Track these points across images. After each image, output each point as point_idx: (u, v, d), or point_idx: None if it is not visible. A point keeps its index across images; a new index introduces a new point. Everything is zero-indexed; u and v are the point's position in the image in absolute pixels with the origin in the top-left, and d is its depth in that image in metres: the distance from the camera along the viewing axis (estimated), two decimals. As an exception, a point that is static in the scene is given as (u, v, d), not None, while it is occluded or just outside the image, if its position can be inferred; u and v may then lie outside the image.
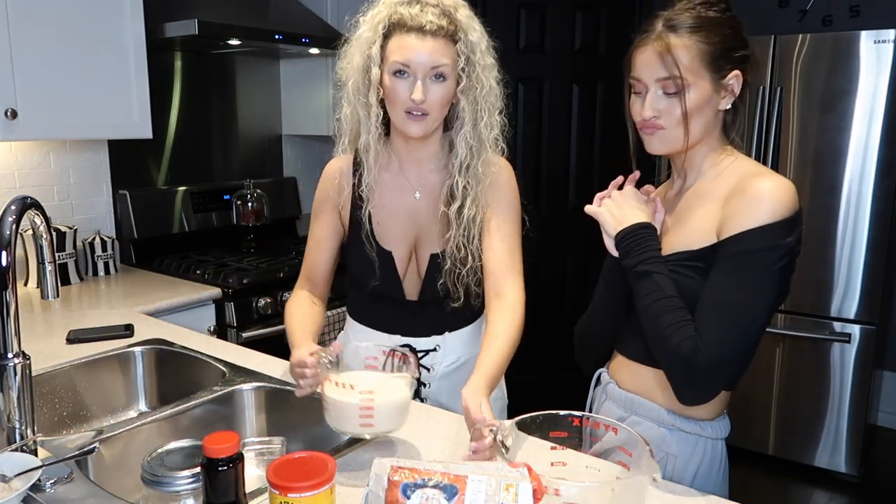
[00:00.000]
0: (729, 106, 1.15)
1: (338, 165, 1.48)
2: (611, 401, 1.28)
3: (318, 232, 1.50)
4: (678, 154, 1.18)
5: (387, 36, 1.31)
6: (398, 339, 1.50)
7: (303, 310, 1.45)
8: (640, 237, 1.14)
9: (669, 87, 1.10)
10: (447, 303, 1.45)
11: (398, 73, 1.29)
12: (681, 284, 1.11)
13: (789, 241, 1.05)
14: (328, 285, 1.54)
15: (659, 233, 1.21)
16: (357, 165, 1.45)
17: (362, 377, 1.15)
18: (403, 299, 1.48)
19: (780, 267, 1.05)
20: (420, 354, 1.49)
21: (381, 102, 1.35)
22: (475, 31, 1.34)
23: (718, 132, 1.18)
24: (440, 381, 1.50)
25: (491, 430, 0.97)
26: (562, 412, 0.97)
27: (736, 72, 1.12)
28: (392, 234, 1.45)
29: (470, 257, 1.40)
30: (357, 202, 1.45)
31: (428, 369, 1.50)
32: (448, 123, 1.41)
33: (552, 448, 0.94)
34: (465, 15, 1.34)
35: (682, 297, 1.10)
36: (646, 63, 1.12)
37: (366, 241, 1.44)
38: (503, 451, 0.91)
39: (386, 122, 1.41)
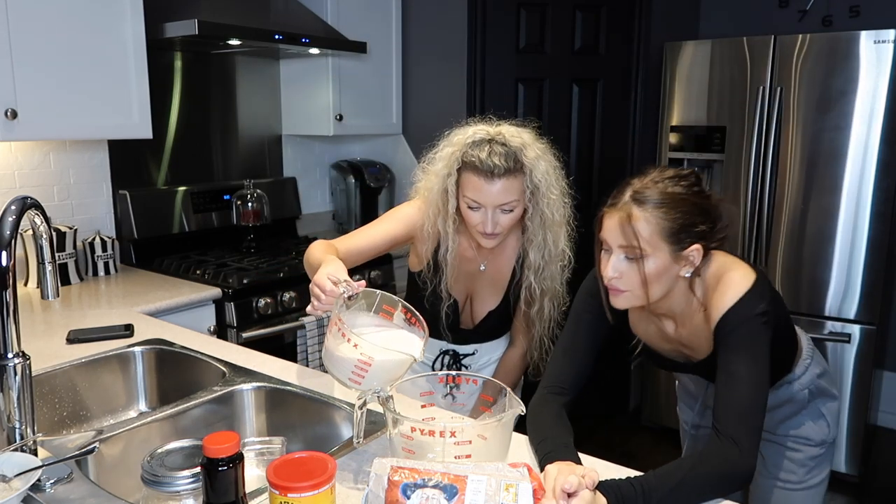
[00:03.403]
0: (689, 274, 1.22)
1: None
2: None
3: (381, 230, 1.62)
4: (643, 309, 1.28)
5: (461, 170, 1.49)
6: (444, 345, 1.74)
7: (325, 246, 1.51)
8: None
9: (630, 254, 1.18)
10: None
11: (471, 207, 1.49)
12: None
13: (763, 307, 1.18)
14: (351, 263, 1.54)
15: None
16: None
17: (370, 332, 1.13)
18: (458, 328, 1.72)
19: (766, 329, 1.18)
20: (461, 356, 1.75)
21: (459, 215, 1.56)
22: (540, 169, 1.48)
23: (686, 286, 1.25)
24: None
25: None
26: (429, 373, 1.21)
27: (696, 246, 1.19)
28: (455, 287, 1.66)
29: (547, 341, 1.65)
30: (438, 255, 1.63)
31: (466, 367, 1.76)
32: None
33: (422, 406, 1.13)
34: (532, 156, 1.46)
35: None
36: (611, 228, 1.20)
37: (444, 287, 1.63)
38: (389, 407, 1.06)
39: None
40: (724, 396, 1.14)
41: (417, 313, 1.19)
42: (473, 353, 1.75)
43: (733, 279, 1.21)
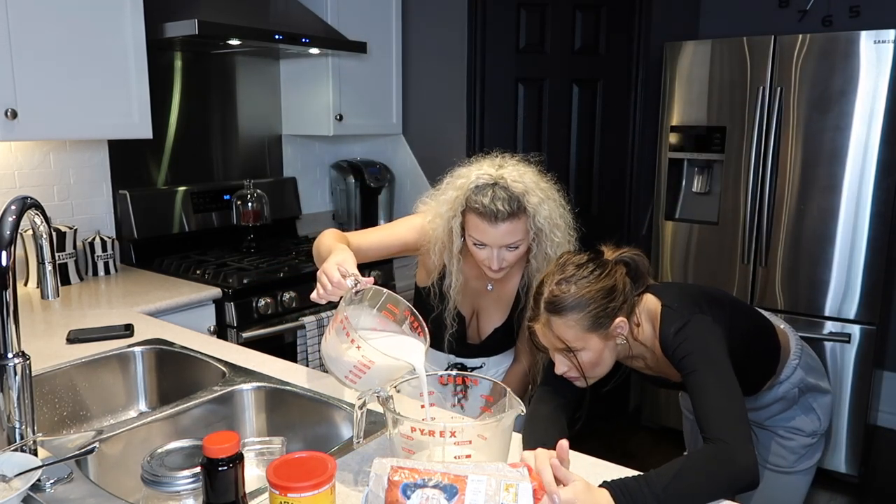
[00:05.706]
0: (623, 341, 1.31)
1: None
2: None
3: (396, 234, 1.66)
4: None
5: (465, 213, 1.52)
6: (452, 358, 1.76)
7: (338, 235, 1.55)
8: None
9: (567, 350, 1.27)
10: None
11: (476, 244, 1.52)
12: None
13: (690, 313, 1.26)
14: (360, 259, 1.54)
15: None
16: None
17: (373, 336, 1.13)
18: (465, 342, 1.75)
19: (703, 334, 1.24)
20: (469, 370, 1.76)
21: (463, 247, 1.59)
22: (543, 214, 1.50)
23: (630, 340, 1.33)
24: None
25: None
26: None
27: (619, 320, 1.26)
28: (462, 303, 1.69)
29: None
30: (443, 286, 1.66)
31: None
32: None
33: (422, 406, 1.12)
34: (535, 201, 1.49)
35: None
36: (542, 338, 1.30)
37: (447, 316, 1.67)
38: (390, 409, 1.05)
39: None
40: (700, 408, 1.17)
41: (422, 320, 1.20)
42: (481, 367, 1.78)
43: (653, 314, 1.32)
